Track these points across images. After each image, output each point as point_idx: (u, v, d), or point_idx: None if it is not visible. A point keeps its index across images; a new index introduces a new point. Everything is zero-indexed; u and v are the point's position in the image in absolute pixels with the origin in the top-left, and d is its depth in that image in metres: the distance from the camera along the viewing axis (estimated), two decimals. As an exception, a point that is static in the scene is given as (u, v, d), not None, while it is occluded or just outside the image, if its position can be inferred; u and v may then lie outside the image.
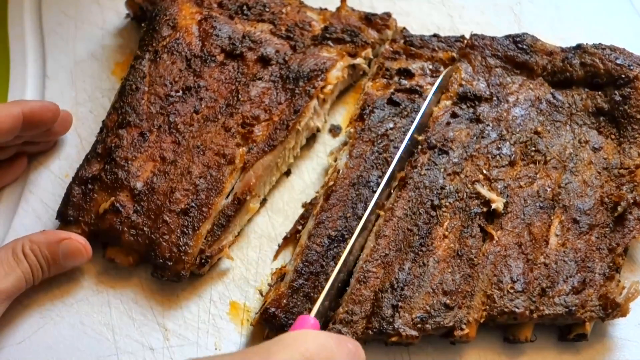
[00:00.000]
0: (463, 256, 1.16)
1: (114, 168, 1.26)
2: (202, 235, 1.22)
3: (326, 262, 1.18)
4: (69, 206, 1.25)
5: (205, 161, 1.28)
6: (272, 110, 1.33)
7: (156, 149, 1.29)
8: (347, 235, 1.21)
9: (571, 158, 1.27)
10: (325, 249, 1.20)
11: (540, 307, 1.12)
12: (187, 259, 1.20)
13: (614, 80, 1.33)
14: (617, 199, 1.21)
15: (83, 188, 1.26)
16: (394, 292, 1.13)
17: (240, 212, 1.27)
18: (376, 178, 1.26)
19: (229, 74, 1.38)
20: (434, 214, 1.21)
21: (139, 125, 1.31)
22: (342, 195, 1.25)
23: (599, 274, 1.15)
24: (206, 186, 1.25)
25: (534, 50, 1.39)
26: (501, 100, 1.34)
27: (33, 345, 1.17)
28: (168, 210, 1.23)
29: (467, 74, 1.37)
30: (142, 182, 1.26)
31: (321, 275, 1.17)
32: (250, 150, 1.29)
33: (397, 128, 1.32)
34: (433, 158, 1.27)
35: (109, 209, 1.23)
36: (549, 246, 1.17)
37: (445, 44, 1.43)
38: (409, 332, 1.10)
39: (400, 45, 1.43)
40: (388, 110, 1.34)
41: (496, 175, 1.25)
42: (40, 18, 1.55)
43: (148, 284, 1.23)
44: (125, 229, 1.22)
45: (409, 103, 1.35)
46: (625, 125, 1.29)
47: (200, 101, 1.34)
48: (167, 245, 1.20)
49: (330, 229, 1.22)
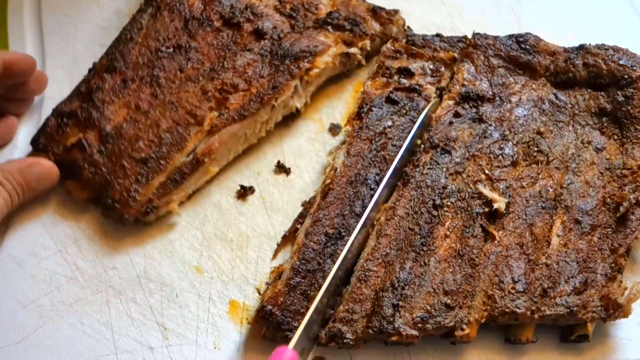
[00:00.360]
0: (464, 256, 1.16)
1: (90, 107, 1.33)
2: (153, 186, 1.27)
3: (323, 260, 1.18)
4: (43, 135, 1.32)
5: (175, 117, 1.32)
6: (252, 82, 1.37)
7: (133, 98, 1.35)
8: (345, 233, 1.21)
9: (574, 158, 1.26)
10: (322, 246, 1.20)
11: (542, 307, 1.11)
12: (133, 205, 1.25)
13: (617, 81, 1.33)
14: (620, 199, 1.20)
15: (59, 121, 1.32)
16: (395, 292, 1.12)
17: (196, 172, 1.31)
18: (374, 176, 1.26)
19: (222, 41, 1.42)
20: (436, 213, 1.20)
21: (123, 73, 1.37)
22: (340, 193, 1.24)
23: (600, 275, 1.14)
24: (170, 141, 1.30)
25: (537, 51, 1.39)
26: (504, 100, 1.34)
27: (32, 345, 1.17)
28: (128, 156, 1.29)
29: (469, 74, 1.37)
30: (112, 125, 1.31)
31: (318, 273, 1.17)
32: (221, 115, 1.33)
33: (395, 126, 1.32)
34: (435, 157, 1.26)
35: (76, 144, 1.30)
36: (550, 246, 1.17)
37: (447, 44, 1.43)
38: (409, 332, 1.09)
39: (401, 44, 1.43)
40: (386, 109, 1.34)
41: (498, 175, 1.24)
42: (40, 18, 1.56)
43: (146, 282, 1.23)
44: (86, 165, 1.28)
45: (408, 101, 1.35)
46: (628, 125, 1.29)
47: (187, 61, 1.39)
48: (118, 189, 1.26)
49: (327, 226, 1.21)
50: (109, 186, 1.27)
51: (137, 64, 1.38)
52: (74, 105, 1.34)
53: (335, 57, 1.42)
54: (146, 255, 1.26)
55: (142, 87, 1.35)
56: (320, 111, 1.45)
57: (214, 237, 1.28)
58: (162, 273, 1.24)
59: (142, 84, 1.36)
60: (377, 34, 1.47)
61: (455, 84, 1.36)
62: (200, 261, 1.26)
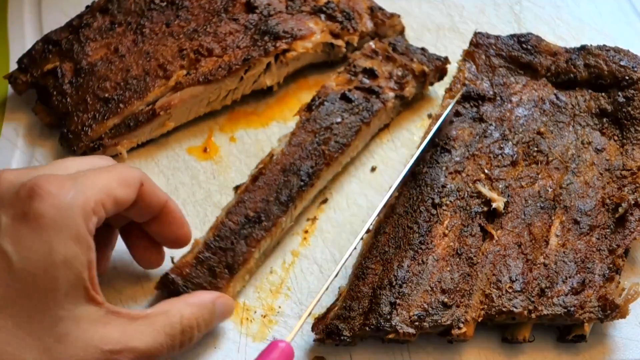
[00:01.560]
0: (462, 255, 1.16)
1: (73, 40, 1.41)
2: (107, 126, 1.33)
3: (237, 240, 1.19)
4: (27, 56, 1.40)
5: (146, 67, 1.38)
6: (227, 50, 1.40)
7: (115, 40, 1.42)
8: (265, 218, 1.21)
9: (573, 159, 1.26)
10: (240, 227, 1.20)
11: (539, 307, 1.11)
12: (84, 139, 1.32)
13: (618, 82, 1.33)
14: (619, 200, 1.20)
15: (44, 46, 1.41)
16: (392, 289, 1.12)
17: (151, 122, 1.36)
18: (308, 168, 1.26)
19: (213, 6, 1.47)
20: (435, 212, 1.20)
21: (114, 16, 1.45)
22: (270, 179, 1.25)
23: (598, 275, 1.14)
24: (134, 88, 1.36)
25: (538, 51, 1.39)
26: (504, 100, 1.34)
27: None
28: (93, 93, 1.35)
29: (470, 73, 1.37)
30: (88, 62, 1.38)
31: (229, 252, 1.18)
32: (188, 74, 1.37)
33: (343, 124, 1.31)
34: (435, 156, 1.27)
35: (52, 70, 1.38)
36: (548, 246, 1.17)
37: (426, 59, 1.42)
38: (406, 330, 1.09)
39: (382, 45, 1.42)
40: (339, 105, 1.34)
41: (498, 175, 1.24)
42: (40, 18, 1.57)
43: (146, 282, 1.23)
44: (55, 92, 1.36)
45: (363, 101, 1.34)
46: (629, 126, 1.29)
47: (175, 18, 1.45)
48: (76, 121, 1.33)
49: (249, 209, 1.22)
50: (68, 116, 1.33)
51: (129, 10, 1.45)
52: (61, 35, 1.42)
53: (317, 45, 1.44)
54: (146, 253, 1.26)
55: (127, 32, 1.43)
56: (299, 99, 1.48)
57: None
58: (162, 273, 1.24)
59: (127, 29, 1.43)
60: (367, 32, 1.48)
61: (456, 83, 1.36)
62: (200, 260, 1.26)
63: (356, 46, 1.48)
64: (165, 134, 1.41)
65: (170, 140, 1.41)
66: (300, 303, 1.21)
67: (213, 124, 1.43)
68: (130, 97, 1.34)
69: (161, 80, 1.36)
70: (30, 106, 1.40)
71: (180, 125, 1.42)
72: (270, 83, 1.44)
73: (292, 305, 1.20)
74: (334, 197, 1.33)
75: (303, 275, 1.24)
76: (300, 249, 1.27)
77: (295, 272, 1.24)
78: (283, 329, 1.18)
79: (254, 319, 1.19)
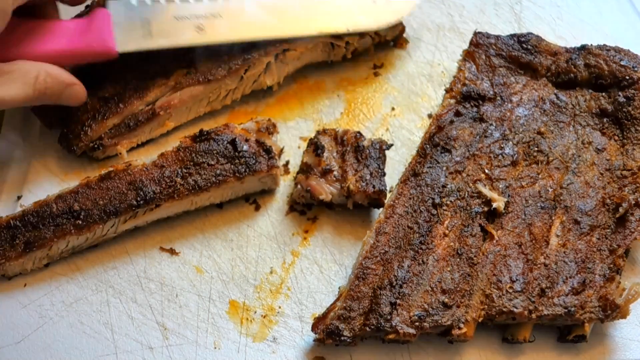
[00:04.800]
0: (463, 255, 1.16)
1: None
2: (107, 125, 1.34)
3: (47, 224, 1.21)
4: None
5: (146, 67, 1.37)
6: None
7: None
8: (83, 218, 1.22)
9: (574, 159, 1.26)
10: (58, 214, 1.22)
11: (539, 307, 1.11)
12: (83, 138, 1.32)
13: (618, 82, 1.33)
14: (619, 200, 1.20)
15: None
16: (393, 290, 1.12)
17: (151, 122, 1.36)
18: (150, 192, 1.24)
19: None
20: (435, 212, 1.20)
21: None
22: (113, 185, 1.25)
23: (599, 275, 1.14)
24: (134, 88, 1.36)
25: (539, 51, 1.39)
26: (505, 99, 1.34)
27: (32, 345, 1.17)
28: (93, 94, 1.34)
29: (471, 73, 1.37)
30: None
31: (35, 232, 1.21)
32: (188, 74, 1.37)
33: (214, 168, 1.27)
34: (435, 156, 1.26)
35: None
36: (549, 246, 1.17)
37: None
38: (406, 330, 1.09)
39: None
40: (222, 147, 1.29)
41: (498, 175, 1.24)
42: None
43: (146, 282, 1.23)
44: None
45: (250, 156, 1.28)
46: (629, 126, 1.29)
47: None
48: (76, 120, 1.33)
49: (78, 202, 1.23)
50: (68, 116, 1.34)
51: None
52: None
53: (317, 45, 1.44)
54: (146, 254, 1.27)
55: None
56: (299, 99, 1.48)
57: (214, 237, 1.29)
58: (162, 273, 1.24)
59: None
60: (367, 33, 1.47)
61: (456, 83, 1.36)
62: (200, 261, 1.26)
63: (356, 46, 1.48)
64: (165, 134, 1.41)
65: (170, 140, 1.40)
66: (300, 303, 1.21)
67: (213, 124, 1.42)
68: (130, 97, 1.34)
69: (161, 81, 1.36)
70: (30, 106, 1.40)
71: (180, 125, 1.42)
72: (270, 83, 1.44)
73: (292, 305, 1.20)
74: (334, 197, 1.34)
75: (303, 275, 1.24)
76: (300, 249, 1.27)
77: (295, 272, 1.24)
78: (283, 329, 1.18)
79: (254, 319, 1.19)
